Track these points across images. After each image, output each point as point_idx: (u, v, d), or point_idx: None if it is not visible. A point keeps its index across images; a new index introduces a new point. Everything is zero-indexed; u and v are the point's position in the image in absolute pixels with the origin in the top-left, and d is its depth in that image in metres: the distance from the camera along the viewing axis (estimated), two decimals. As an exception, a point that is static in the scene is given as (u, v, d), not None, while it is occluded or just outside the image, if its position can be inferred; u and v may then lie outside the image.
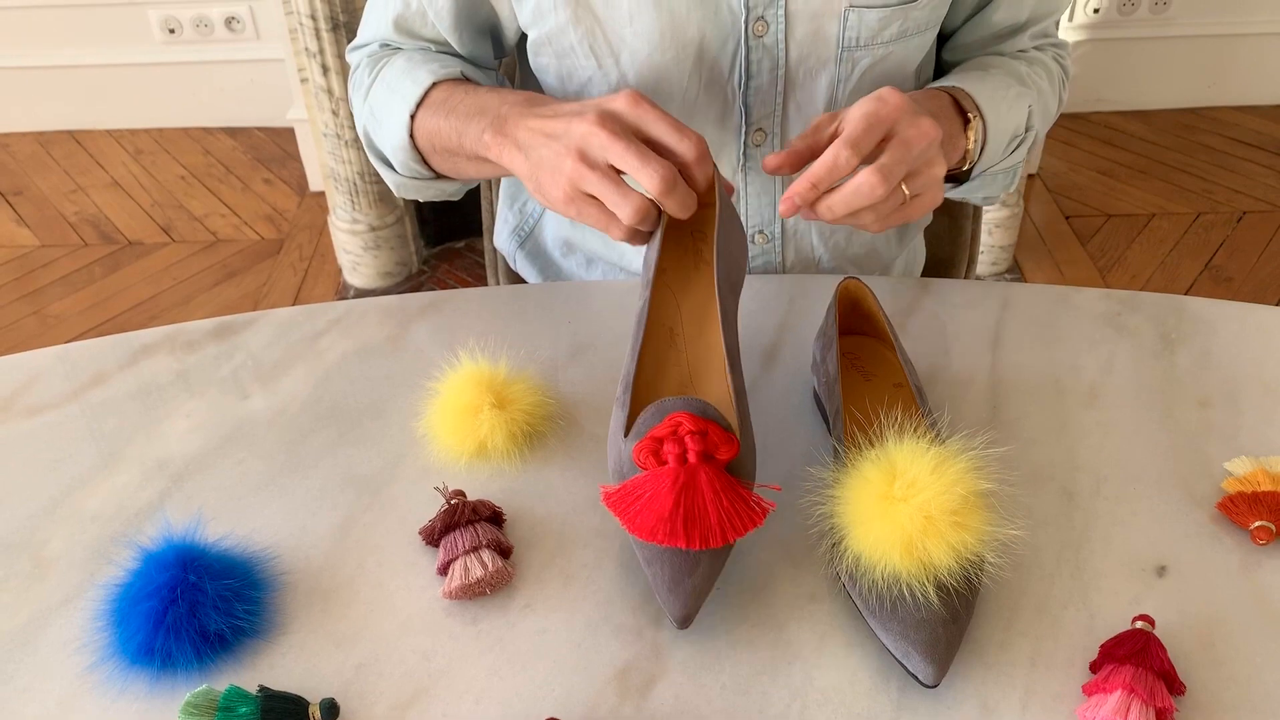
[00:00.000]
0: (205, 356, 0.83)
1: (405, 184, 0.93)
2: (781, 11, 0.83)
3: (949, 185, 0.90)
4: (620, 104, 0.70)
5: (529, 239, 1.07)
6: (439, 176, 0.90)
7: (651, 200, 0.69)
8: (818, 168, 0.68)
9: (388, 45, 0.94)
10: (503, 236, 1.11)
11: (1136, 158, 2.67)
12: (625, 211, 0.68)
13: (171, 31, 2.74)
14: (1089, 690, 0.58)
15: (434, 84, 0.84)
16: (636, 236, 0.71)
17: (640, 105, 0.70)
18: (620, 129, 0.68)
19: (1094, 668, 0.59)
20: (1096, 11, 2.68)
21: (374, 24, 0.93)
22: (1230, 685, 0.59)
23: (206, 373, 0.82)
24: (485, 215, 1.18)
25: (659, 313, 0.74)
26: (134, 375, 0.81)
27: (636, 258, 0.99)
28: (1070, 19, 2.68)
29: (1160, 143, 2.72)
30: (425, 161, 0.88)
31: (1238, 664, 0.60)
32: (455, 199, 0.98)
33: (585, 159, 0.69)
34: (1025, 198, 2.44)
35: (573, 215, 0.71)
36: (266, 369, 0.82)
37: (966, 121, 0.82)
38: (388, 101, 0.87)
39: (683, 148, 0.69)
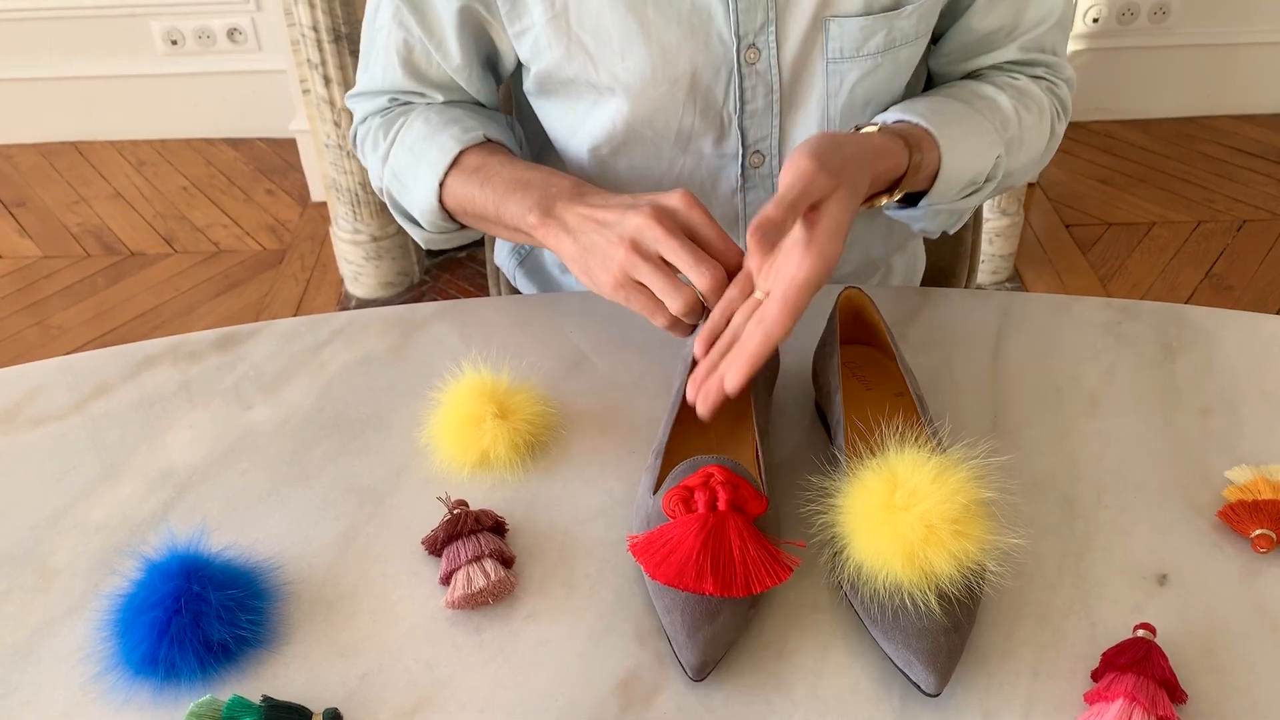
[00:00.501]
0: (208, 367, 0.83)
1: (433, 239, 0.94)
2: (773, 37, 0.83)
3: (894, 205, 0.86)
4: (675, 201, 0.72)
5: (528, 258, 1.07)
6: (464, 226, 0.92)
7: (698, 295, 0.71)
8: (754, 349, 0.65)
9: (396, 99, 0.93)
10: (502, 254, 1.11)
11: (1136, 166, 2.67)
12: (676, 303, 0.71)
13: (174, 43, 2.75)
14: (1091, 699, 0.58)
15: (462, 151, 0.86)
16: (679, 326, 0.73)
17: (694, 208, 0.72)
18: (674, 226, 0.71)
19: (1096, 676, 0.59)
20: (1096, 21, 2.69)
21: (379, 70, 0.92)
22: (1232, 693, 0.59)
23: (209, 383, 0.82)
24: (487, 239, 1.19)
25: (691, 414, 0.74)
26: (137, 386, 0.82)
27: None
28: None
29: (1160, 152, 2.73)
30: (453, 218, 0.90)
31: (1239, 672, 0.60)
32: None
33: (638, 249, 0.71)
34: (1025, 207, 2.44)
35: (620, 300, 0.74)
36: (269, 379, 0.82)
37: (890, 190, 0.79)
38: (412, 167, 0.88)
39: (728, 255, 0.71)
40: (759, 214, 0.62)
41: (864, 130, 0.78)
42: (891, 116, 0.82)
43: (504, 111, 1.14)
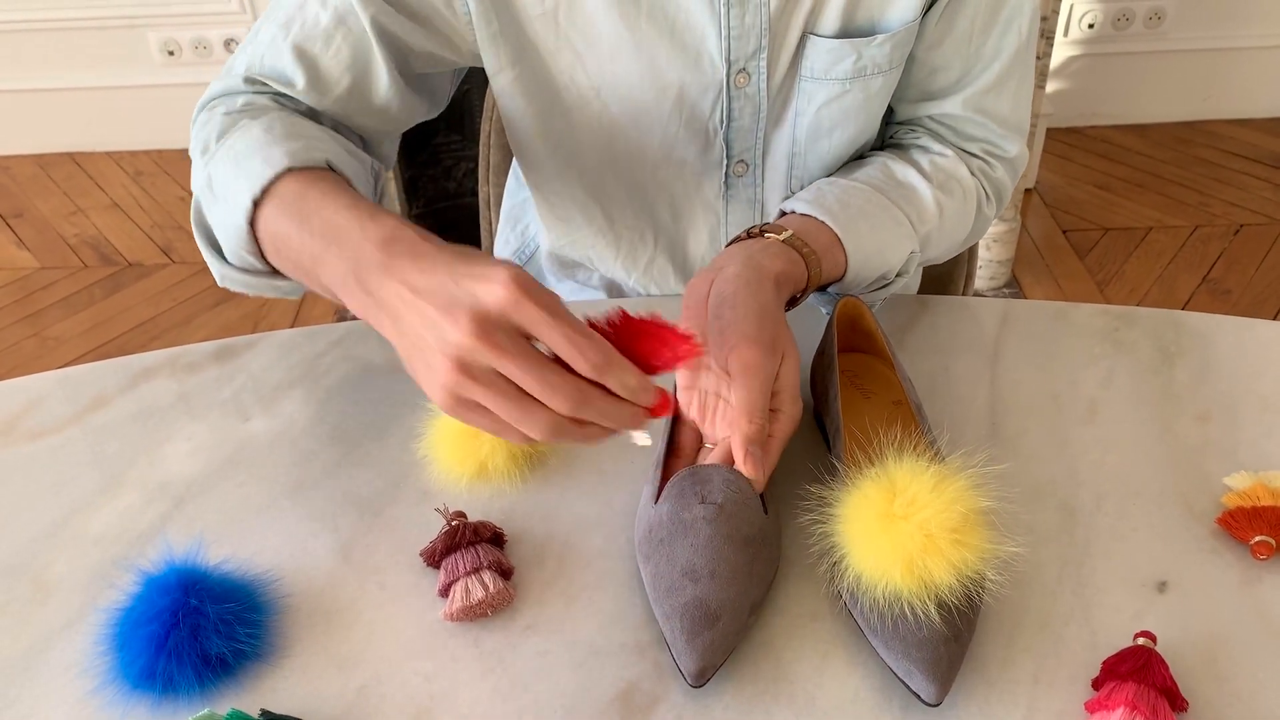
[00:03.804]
0: (206, 379, 0.83)
1: (233, 277, 0.76)
2: (763, 63, 0.82)
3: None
4: (500, 302, 0.56)
5: (529, 263, 1.07)
6: (276, 273, 0.74)
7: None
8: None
9: (258, 88, 0.80)
10: (503, 256, 1.11)
11: (1133, 171, 2.68)
12: (533, 427, 0.57)
13: (171, 53, 2.76)
14: (1092, 707, 0.58)
15: (288, 169, 0.69)
16: (565, 433, 0.58)
17: (524, 303, 0.55)
18: (506, 339, 0.56)
19: (1096, 685, 0.59)
20: (1091, 27, 2.69)
21: (265, 42, 0.80)
22: (1233, 701, 0.59)
23: (207, 395, 0.82)
24: (485, 236, 1.19)
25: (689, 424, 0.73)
26: (135, 398, 0.82)
27: (632, 276, 0.99)
28: (1065, 34, 2.70)
29: (1157, 156, 2.73)
30: (264, 255, 0.72)
31: (1240, 680, 0.60)
32: (293, 298, 0.81)
33: (466, 370, 0.56)
34: (1023, 212, 2.44)
35: (460, 420, 0.60)
36: (267, 391, 0.82)
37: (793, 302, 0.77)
38: (230, 179, 0.71)
39: (587, 350, 0.56)
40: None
41: (767, 238, 0.75)
42: (802, 207, 0.80)
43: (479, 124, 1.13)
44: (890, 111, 0.93)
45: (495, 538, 0.68)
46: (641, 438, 0.60)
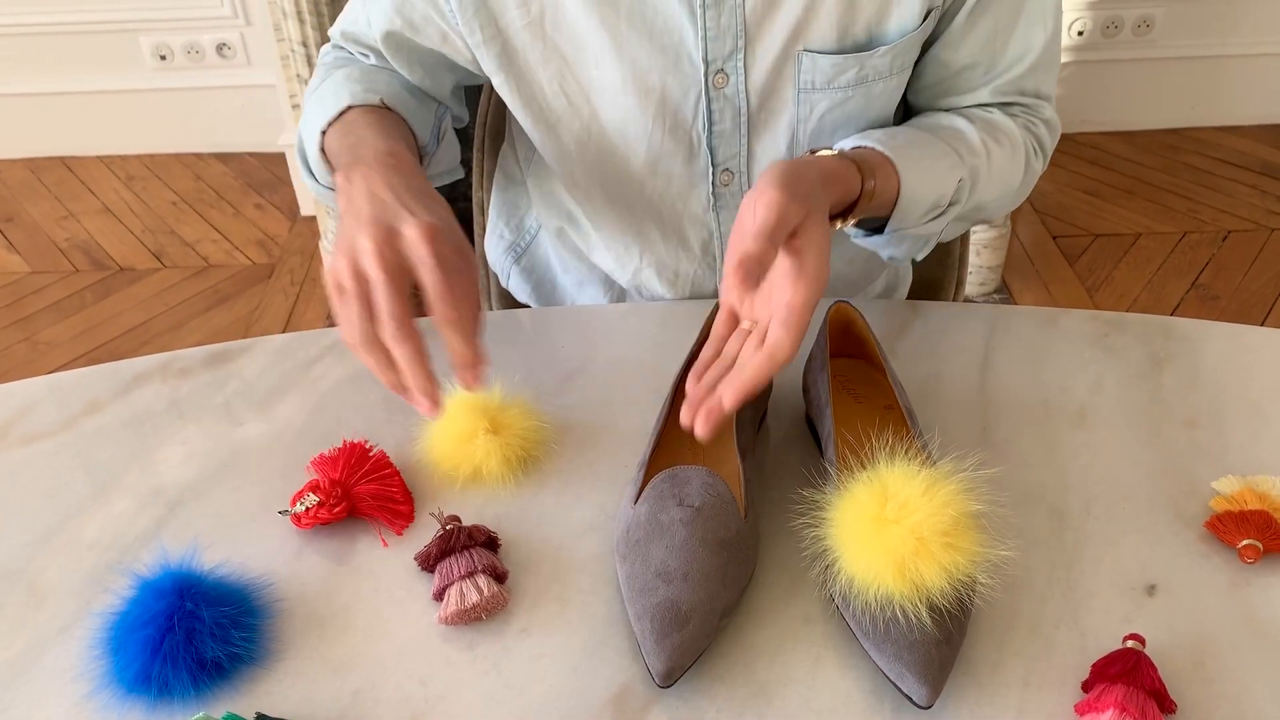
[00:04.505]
0: (199, 384, 0.84)
1: (324, 193, 0.91)
2: (741, 63, 0.83)
3: (860, 234, 0.86)
4: (407, 234, 0.68)
5: (525, 254, 1.07)
6: None
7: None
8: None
9: (341, 46, 0.95)
10: (496, 253, 1.11)
11: (1122, 178, 2.69)
12: (353, 329, 0.67)
13: (163, 58, 2.75)
14: (1081, 710, 0.58)
15: (350, 106, 0.84)
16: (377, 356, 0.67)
17: (418, 245, 0.67)
18: (388, 261, 0.67)
19: (1086, 687, 0.60)
20: (1081, 34, 2.71)
21: (351, 16, 0.94)
22: (1221, 703, 0.60)
23: (200, 400, 0.82)
24: (477, 240, 1.19)
25: (677, 428, 0.73)
26: (127, 404, 0.82)
27: (621, 279, 1.00)
28: (1055, 41, 2.71)
29: (1145, 163, 2.75)
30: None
31: (1228, 682, 0.61)
32: None
33: (352, 263, 0.68)
34: (1013, 218, 2.45)
35: (329, 294, 0.70)
36: (260, 396, 0.82)
37: (844, 215, 0.77)
38: (313, 112, 0.87)
39: (440, 304, 0.66)
40: (738, 251, 0.62)
41: (819, 154, 0.76)
42: (850, 143, 0.80)
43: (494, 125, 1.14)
44: (907, 105, 0.93)
45: (489, 542, 0.68)
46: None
